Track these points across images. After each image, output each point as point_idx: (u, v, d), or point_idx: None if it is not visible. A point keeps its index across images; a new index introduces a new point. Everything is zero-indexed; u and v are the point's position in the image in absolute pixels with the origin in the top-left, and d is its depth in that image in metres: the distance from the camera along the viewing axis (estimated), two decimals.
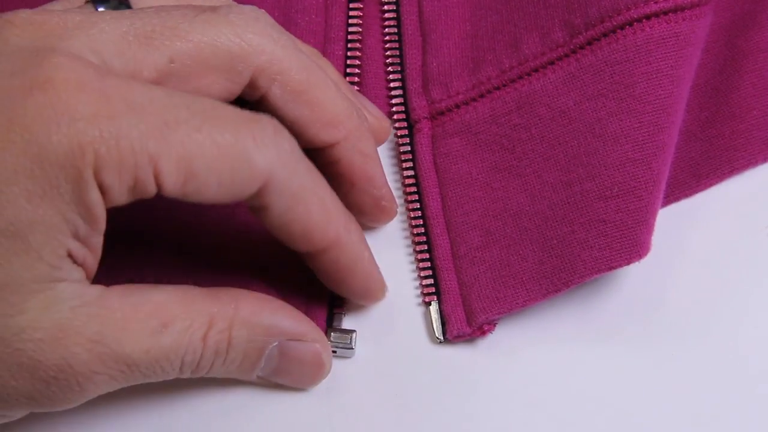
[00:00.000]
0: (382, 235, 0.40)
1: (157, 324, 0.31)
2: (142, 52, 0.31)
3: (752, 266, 0.39)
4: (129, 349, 0.31)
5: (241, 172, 0.30)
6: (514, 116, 0.39)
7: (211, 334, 0.32)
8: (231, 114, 0.31)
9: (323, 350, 0.35)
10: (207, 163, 0.30)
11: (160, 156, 0.29)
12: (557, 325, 0.37)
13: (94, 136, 0.28)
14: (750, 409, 0.36)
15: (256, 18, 0.33)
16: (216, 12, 0.32)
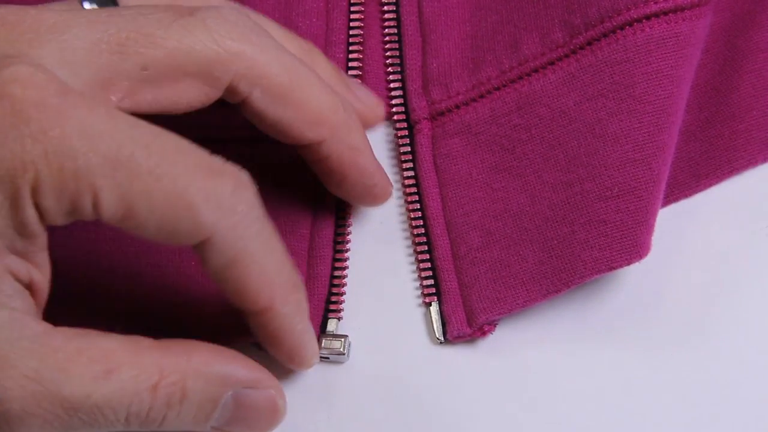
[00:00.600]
0: (383, 235, 0.40)
1: (101, 369, 0.30)
2: (114, 60, 0.30)
3: (752, 266, 0.38)
4: (68, 391, 0.29)
5: (183, 224, 0.29)
6: (514, 116, 0.39)
7: (162, 384, 0.31)
8: (192, 162, 0.30)
9: (278, 396, 0.34)
10: (150, 207, 0.29)
11: (102, 189, 0.28)
12: (557, 325, 0.37)
13: (38, 155, 0.27)
14: (750, 409, 0.36)
15: (235, 22, 0.32)
16: (194, 16, 0.32)
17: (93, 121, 0.28)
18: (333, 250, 0.38)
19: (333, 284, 0.38)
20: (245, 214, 0.30)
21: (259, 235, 0.31)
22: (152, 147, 0.29)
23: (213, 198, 0.29)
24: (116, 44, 0.30)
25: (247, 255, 0.31)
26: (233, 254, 0.31)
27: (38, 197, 0.28)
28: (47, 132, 0.27)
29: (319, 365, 0.37)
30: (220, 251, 0.30)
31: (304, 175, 0.39)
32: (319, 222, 0.38)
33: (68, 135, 0.28)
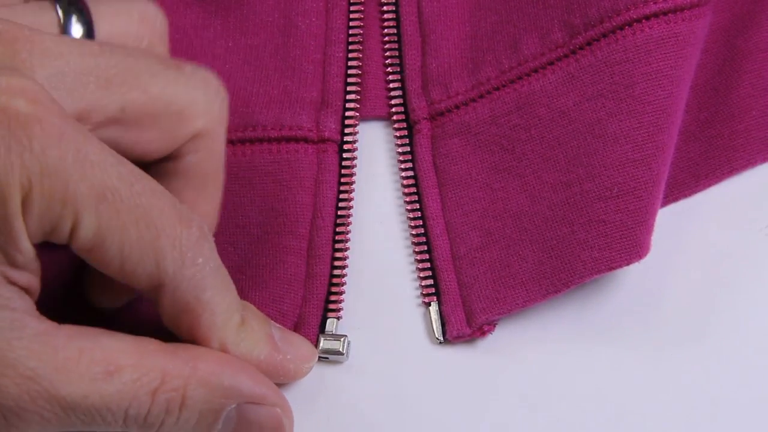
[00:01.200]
0: (382, 235, 0.40)
1: (101, 370, 0.30)
2: (98, 95, 0.30)
3: (751, 266, 0.38)
4: (65, 391, 0.29)
5: (146, 267, 0.30)
6: (513, 117, 0.39)
7: (162, 390, 0.31)
8: (167, 208, 0.30)
9: (284, 414, 0.33)
10: (120, 244, 0.29)
11: (83, 218, 0.29)
12: (557, 325, 0.37)
13: (34, 173, 0.28)
14: (749, 409, 0.36)
15: (217, 90, 0.34)
16: (181, 71, 0.33)
17: (88, 150, 0.28)
18: (332, 249, 0.38)
19: (332, 284, 0.38)
20: (203, 265, 0.31)
21: (213, 286, 0.32)
22: (135, 187, 0.29)
23: (178, 246, 0.30)
24: (104, 79, 0.31)
25: (199, 304, 0.31)
26: (185, 303, 0.31)
27: (25, 213, 0.28)
28: (46, 151, 0.28)
29: (319, 365, 0.37)
30: (174, 298, 0.31)
31: (304, 175, 0.39)
32: (318, 221, 0.38)
33: (65, 158, 0.28)
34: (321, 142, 0.39)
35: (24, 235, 0.29)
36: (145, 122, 0.32)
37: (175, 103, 0.32)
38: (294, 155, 0.39)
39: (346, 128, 0.40)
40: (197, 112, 0.33)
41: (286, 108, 0.40)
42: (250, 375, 0.33)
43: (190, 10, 0.42)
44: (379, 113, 0.41)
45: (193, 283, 0.31)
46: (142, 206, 0.29)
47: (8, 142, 0.27)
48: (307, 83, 0.40)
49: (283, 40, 0.41)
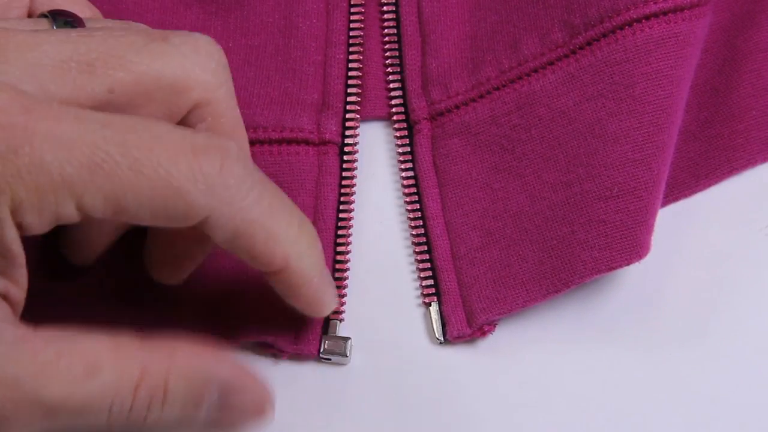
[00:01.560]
0: (383, 235, 0.40)
1: (81, 371, 0.29)
2: (81, 80, 0.30)
3: (751, 266, 0.39)
4: (47, 395, 0.29)
5: (176, 210, 0.29)
6: (513, 117, 0.39)
7: (143, 385, 0.30)
8: (172, 146, 0.29)
9: (265, 398, 0.33)
10: (137, 200, 0.29)
11: (84, 194, 0.28)
12: (557, 325, 0.38)
13: (11, 176, 0.27)
14: (750, 409, 0.36)
15: (209, 54, 0.32)
16: (167, 42, 0.31)
17: (62, 130, 0.28)
18: (334, 252, 0.38)
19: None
20: (237, 187, 0.30)
21: (257, 202, 0.31)
22: (128, 142, 0.28)
23: (201, 179, 0.29)
24: (86, 64, 0.30)
25: (249, 225, 0.31)
26: (234, 227, 0.30)
27: (19, 216, 0.28)
28: (17, 151, 0.27)
29: (320, 366, 0.37)
30: (220, 227, 0.30)
31: (305, 177, 0.39)
32: (319, 224, 0.38)
33: (38, 150, 0.27)
34: (322, 144, 0.39)
35: (17, 245, 0.28)
36: (138, 101, 0.31)
37: (165, 77, 0.31)
38: (295, 157, 0.39)
39: (347, 130, 0.40)
40: (191, 83, 0.31)
41: (286, 109, 0.40)
42: (228, 363, 0.32)
43: (190, 11, 0.42)
44: (380, 113, 0.41)
45: (233, 208, 0.30)
46: (141, 157, 0.28)
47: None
48: (308, 85, 0.40)
49: (283, 41, 0.41)
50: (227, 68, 0.33)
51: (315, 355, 0.37)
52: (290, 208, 0.32)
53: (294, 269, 0.32)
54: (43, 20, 0.33)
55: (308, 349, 0.37)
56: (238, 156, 0.30)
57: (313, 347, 0.37)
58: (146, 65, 0.31)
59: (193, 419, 0.32)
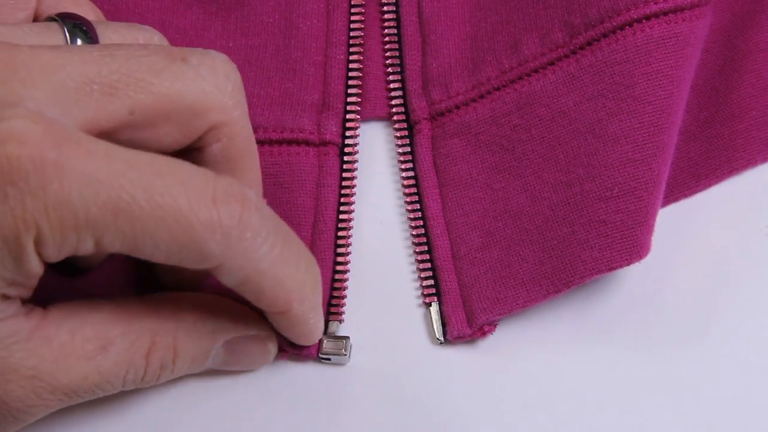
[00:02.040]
0: (383, 235, 0.40)
1: (95, 347, 0.31)
2: (103, 102, 0.30)
3: (751, 266, 0.39)
4: (66, 379, 0.30)
5: (191, 256, 0.30)
6: (514, 117, 0.39)
7: (154, 350, 0.32)
8: (195, 194, 0.29)
9: (268, 339, 0.35)
10: (154, 244, 0.29)
11: (104, 235, 0.28)
12: (557, 325, 0.38)
13: (38, 212, 0.27)
14: (750, 409, 0.36)
15: (226, 75, 0.32)
16: (186, 64, 0.31)
17: (91, 170, 0.28)
18: (334, 253, 0.38)
19: (334, 287, 0.38)
20: (252, 239, 0.30)
21: (269, 253, 0.31)
22: (153, 187, 0.29)
23: (218, 230, 0.29)
24: (107, 86, 0.30)
25: (258, 274, 0.31)
26: (244, 275, 0.31)
27: (40, 248, 0.28)
28: (46, 187, 0.27)
29: (320, 366, 0.37)
30: (230, 274, 0.31)
31: (305, 178, 0.39)
32: (320, 225, 0.38)
33: (67, 188, 0.28)
34: (322, 144, 0.39)
35: (36, 267, 0.29)
36: (157, 121, 0.31)
37: (184, 99, 0.31)
38: (295, 158, 0.39)
39: (347, 131, 0.40)
40: (209, 105, 0.32)
41: (287, 110, 0.40)
42: (231, 313, 0.34)
43: (191, 11, 0.42)
44: (380, 113, 0.41)
45: (246, 258, 0.30)
46: (165, 204, 0.29)
47: (4, 189, 0.27)
48: (308, 85, 0.40)
49: (284, 41, 0.41)
50: (242, 88, 0.33)
51: (314, 355, 0.37)
52: (298, 253, 0.33)
53: (295, 312, 0.33)
54: (53, 25, 0.33)
55: (307, 350, 0.37)
56: (257, 206, 0.31)
57: (312, 347, 0.37)
58: (167, 87, 0.31)
59: (201, 367, 0.34)
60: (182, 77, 0.31)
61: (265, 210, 0.31)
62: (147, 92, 0.30)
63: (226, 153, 0.33)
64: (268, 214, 0.31)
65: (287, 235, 0.32)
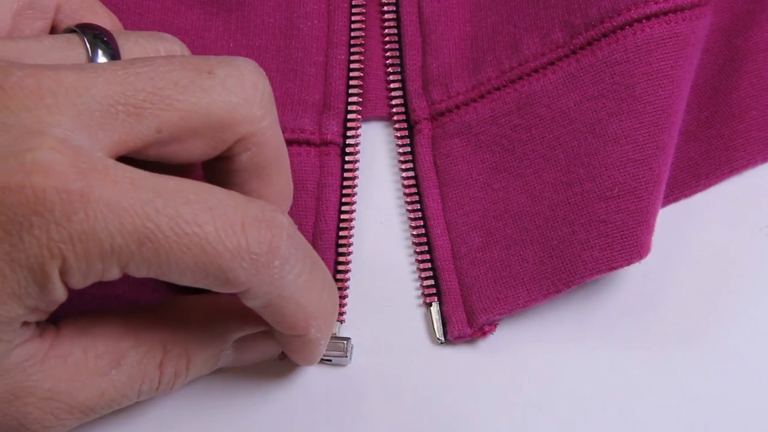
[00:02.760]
0: (383, 235, 0.40)
1: (108, 362, 0.31)
2: (130, 122, 0.29)
3: (751, 266, 0.39)
4: (83, 397, 0.30)
5: (217, 282, 0.30)
6: (514, 117, 0.39)
7: (167, 360, 0.32)
8: (223, 221, 0.29)
9: (274, 339, 0.35)
10: (180, 271, 0.29)
11: (129, 263, 0.28)
12: (558, 325, 0.38)
13: (64, 242, 0.27)
14: (750, 409, 0.36)
15: (254, 85, 0.32)
16: (212, 77, 0.31)
17: (117, 199, 0.28)
18: (335, 253, 0.38)
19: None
20: (281, 268, 0.30)
21: (295, 281, 0.31)
22: (179, 215, 0.28)
23: (246, 258, 0.29)
24: (133, 107, 0.29)
25: (282, 300, 0.31)
26: (268, 301, 0.31)
27: (66, 277, 0.28)
28: (71, 218, 0.27)
29: (321, 366, 0.37)
30: (255, 299, 0.31)
31: (306, 178, 0.39)
32: (321, 225, 0.38)
33: (92, 218, 0.27)
34: (323, 144, 0.39)
35: (61, 295, 0.29)
36: (185, 136, 0.31)
37: (212, 114, 0.31)
38: (296, 158, 0.39)
39: (348, 131, 0.40)
40: (237, 118, 0.31)
41: (288, 110, 0.40)
42: (238, 315, 0.34)
43: (191, 11, 0.42)
44: (380, 113, 0.41)
45: (272, 285, 0.30)
46: (191, 233, 0.28)
47: (30, 219, 0.27)
48: (309, 86, 0.40)
49: (284, 42, 0.41)
50: (272, 96, 0.33)
51: None
52: (323, 280, 0.32)
53: (311, 338, 0.33)
54: (74, 38, 0.32)
55: None
56: (288, 232, 0.30)
57: None
58: (193, 104, 0.30)
59: (213, 368, 0.34)
60: (209, 92, 0.31)
61: (296, 236, 0.31)
62: (173, 110, 0.30)
63: (256, 161, 0.32)
64: (298, 240, 0.31)
65: (314, 261, 0.32)
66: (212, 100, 0.31)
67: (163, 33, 0.34)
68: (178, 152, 0.31)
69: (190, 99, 0.30)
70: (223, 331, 0.34)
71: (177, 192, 0.29)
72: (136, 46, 0.33)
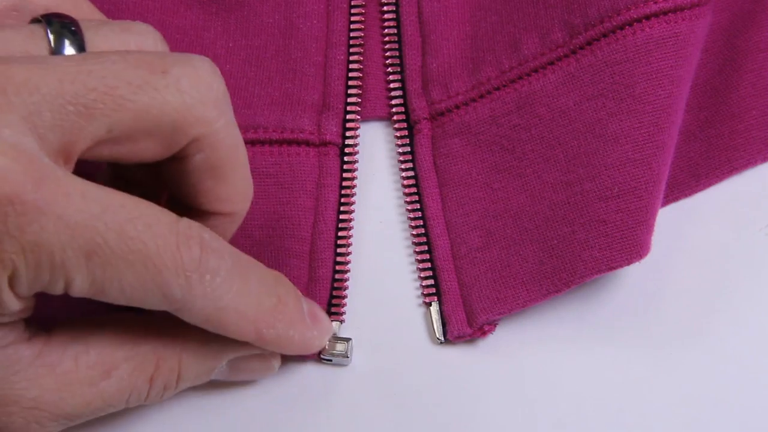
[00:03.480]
0: (383, 235, 0.40)
1: (98, 373, 0.31)
2: (80, 123, 0.29)
3: (751, 266, 0.39)
4: (69, 408, 0.30)
5: (153, 300, 0.30)
6: (514, 117, 0.39)
7: (158, 374, 0.32)
8: (162, 237, 0.29)
9: (271, 356, 0.35)
10: (120, 287, 0.29)
11: (76, 277, 0.28)
12: (557, 325, 0.38)
13: (16, 252, 0.27)
14: (750, 409, 0.36)
15: (209, 86, 0.31)
16: (167, 77, 0.30)
17: (69, 213, 0.28)
18: (334, 253, 0.38)
19: (335, 287, 0.38)
20: (212, 280, 0.30)
21: (228, 292, 0.31)
22: (125, 232, 0.28)
23: (182, 272, 0.29)
24: (84, 106, 0.29)
25: (219, 311, 0.31)
26: (206, 315, 0.31)
27: (13, 287, 0.28)
28: (24, 229, 0.27)
29: (321, 366, 0.37)
30: (191, 315, 0.31)
31: (305, 179, 0.39)
32: (320, 225, 0.38)
33: (45, 231, 0.27)
34: (322, 145, 0.39)
35: (12, 304, 0.29)
36: (137, 137, 0.30)
37: (164, 115, 0.30)
38: (296, 158, 0.39)
39: (348, 131, 0.40)
40: (191, 120, 0.31)
41: (287, 110, 0.40)
42: (234, 332, 0.33)
43: (191, 12, 0.42)
44: (380, 114, 0.41)
45: (207, 298, 0.30)
46: (135, 249, 0.29)
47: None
48: (309, 86, 0.40)
49: (284, 42, 0.41)
50: (227, 97, 0.32)
51: (315, 356, 0.37)
52: (258, 282, 0.32)
53: (268, 337, 0.33)
54: (38, 30, 0.31)
55: None
56: (212, 246, 0.30)
57: None
58: (146, 104, 0.30)
59: (204, 381, 0.34)
60: (163, 92, 0.30)
61: (223, 249, 0.31)
62: (125, 110, 0.29)
63: (210, 162, 0.32)
64: (226, 251, 0.31)
65: (245, 267, 0.32)
66: (165, 101, 0.30)
67: (137, 23, 0.33)
68: (130, 152, 0.31)
69: (142, 99, 0.29)
70: (218, 350, 0.34)
71: (122, 207, 0.29)
72: (105, 40, 0.32)
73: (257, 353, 0.35)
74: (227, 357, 0.34)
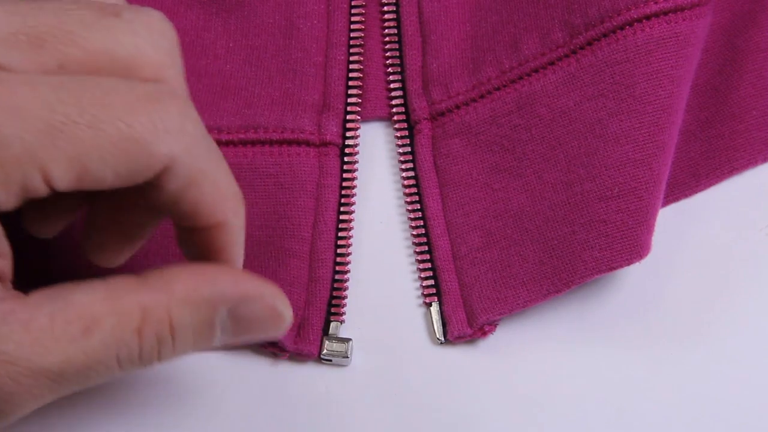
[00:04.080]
0: (383, 235, 0.40)
1: (78, 329, 0.29)
2: (31, 53, 0.29)
3: (751, 266, 0.39)
4: (47, 363, 0.29)
5: (139, 162, 0.29)
6: (514, 117, 0.39)
7: (146, 325, 0.30)
8: (128, 98, 0.28)
9: (278, 301, 0.32)
10: (101, 159, 0.28)
11: (49, 162, 0.27)
12: (558, 325, 0.38)
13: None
14: (750, 409, 0.36)
15: (162, 33, 0.31)
16: (119, 17, 0.30)
17: (17, 101, 0.27)
18: (334, 253, 0.38)
19: (335, 287, 0.38)
20: (194, 134, 0.30)
21: (209, 152, 0.30)
22: (83, 100, 0.28)
23: (161, 127, 0.29)
24: (35, 37, 0.29)
25: (201, 173, 0.30)
26: (189, 175, 0.30)
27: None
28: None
29: (321, 366, 0.37)
30: (177, 176, 0.30)
31: (306, 179, 0.39)
32: (320, 226, 0.38)
33: None
34: (323, 145, 0.39)
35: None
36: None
37: (116, 54, 0.30)
38: (296, 158, 0.39)
39: (348, 131, 0.40)
40: (143, 61, 0.30)
41: (287, 110, 0.40)
42: (230, 277, 0.32)
43: (191, 11, 0.42)
44: (380, 114, 0.41)
45: (191, 155, 0.29)
46: (100, 114, 0.28)
47: None
48: (309, 86, 0.40)
49: (284, 42, 0.41)
50: (178, 49, 0.32)
51: (315, 356, 0.37)
52: (225, 163, 0.32)
53: (230, 225, 0.32)
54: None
55: (308, 349, 0.37)
56: (189, 102, 0.30)
57: (313, 347, 0.37)
58: (97, 42, 0.29)
59: (210, 340, 0.32)
60: (114, 32, 0.30)
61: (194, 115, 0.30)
62: (76, 46, 0.29)
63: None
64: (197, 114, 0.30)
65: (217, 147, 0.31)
66: (117, 40, 0.30)
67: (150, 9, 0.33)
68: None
69: (94, 36, 0.29)
70: (211, 295, 0.31)
71: (75, 82, 0.28)
72: None
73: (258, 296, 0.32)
74: (224, 304, 0.31)
